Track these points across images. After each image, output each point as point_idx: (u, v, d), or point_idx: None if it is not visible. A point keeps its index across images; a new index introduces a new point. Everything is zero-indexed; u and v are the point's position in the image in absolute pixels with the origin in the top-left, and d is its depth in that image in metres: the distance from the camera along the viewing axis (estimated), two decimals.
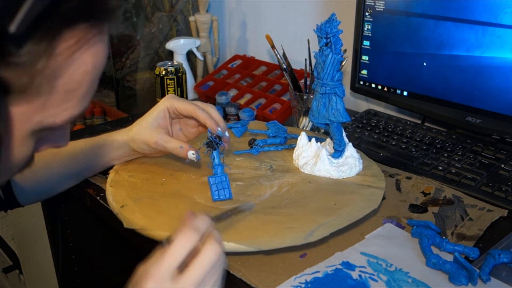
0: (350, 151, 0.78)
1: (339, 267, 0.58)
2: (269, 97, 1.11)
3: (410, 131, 0.95)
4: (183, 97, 1.07)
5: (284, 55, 1.01)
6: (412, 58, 0.94)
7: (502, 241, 0.64)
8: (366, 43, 1.01)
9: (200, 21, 1.35)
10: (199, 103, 0.73)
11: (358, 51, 1.03)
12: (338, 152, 0.78)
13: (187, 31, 1.39)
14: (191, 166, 0.78)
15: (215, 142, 0.69)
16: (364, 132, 0.96)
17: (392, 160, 0.86)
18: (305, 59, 0.99)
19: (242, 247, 0.58)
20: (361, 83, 1.05)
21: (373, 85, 1.03)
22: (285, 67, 0.99)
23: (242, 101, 1.13)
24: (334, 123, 0.76)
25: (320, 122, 0.77)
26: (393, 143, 0.91)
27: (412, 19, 0.92)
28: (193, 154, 0.70)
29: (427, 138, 0.92)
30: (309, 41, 0.97)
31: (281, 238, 0.59)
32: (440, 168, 0.81)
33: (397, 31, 0.95)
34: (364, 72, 1.04)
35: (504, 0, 0.79)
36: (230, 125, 0.91)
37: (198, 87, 1.23)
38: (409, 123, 0.99)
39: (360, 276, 0.57)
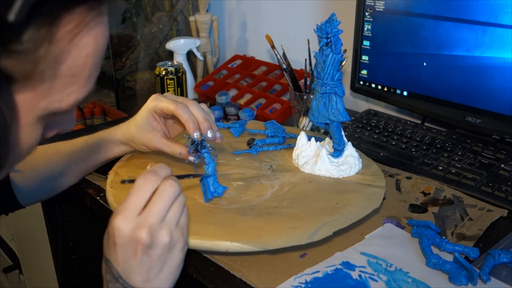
0: (349, 150, 0.78)
1: (339, 267, 0.58)
2: (269, 97, 1.11)
3: (410, 131, 0.95)
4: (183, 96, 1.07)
5: (284, 55, 1.01)
6: (412, 58, 0.94)
7: (502, 241, 0.64)
8: (366, 43, 1.01)
9: (200, 21, 1.35)
10: (181, 99, 0.71)
11: (358, 51, 1.03)
12: (337, 151, 0.78)
13: (187, 31, 1.39)
14: (191, 165, 0.78)
15: (199, 145, 0.69)
16: (364, 132, 0.96)
17: (392, 160, 0.86)
18: (305, 59, 0.99)
19: (247, 247, 0.58)
20: (361, 83, 1.05)
21: (373, 85, 1.03)
22: (285, 67, 0.99)
23: (242, 101, 1.13)
24: (334, 122, 0.76)
25: (320, 121, 0.77)
26: (393, 143, 0.91)
27: (412, 19, 0.92)
28: (193, 159, 0.71)
29: (427, 138, 0.92)
30: (309, 41, 0.97)
31: (286, 237, 0.59)
32: (440, 168, 0.81)
33: (397, 31, 0.95)
34: (364, 72, 1.04)
35: (504, 0, 0.79)
36: (228, 125, 0.91)
37: (198, 87, 1.23)
38: (409, 123, 0.99)
39: (360, 276, 0.57)
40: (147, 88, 1.35)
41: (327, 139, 0.82)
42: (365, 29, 1.00)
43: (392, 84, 1.00)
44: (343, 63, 0.81)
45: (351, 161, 0.77)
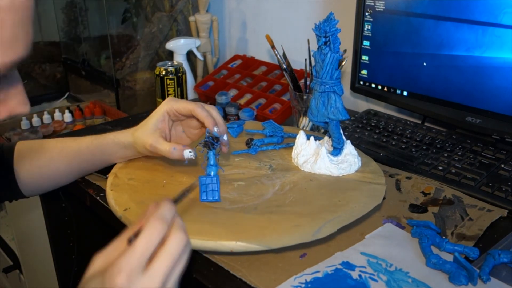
0: (348, 148, 0.78)
1: (339, 267, 0.58)
2: (269, 97, 1.11)
3: (410, 131, 0.95)
4: (183, 97, 1.07)
5: (284, 55, 1.01)
6: (412, 58, 0.94)
7: (502, 241, 0.64)
8: (366, 43, 1.01)
9: (200, 21, 1.35)
10: (200, 103, 0.72)
11: (358, 51, 1.03)
12: (337, 149, 0.78)
13: (187, 31, 1.39)
14: (191, 167, 0.78)
15: (210, 142, 0.69)
16: (364, 132, 0.96)
17: (392, 160, 0.86)
18: (305, 59, 0.99)
19: (251, 247, 0.58)
20: (361, 83, 1.05)
21: (373, 85, 1.03)
22: (285, 67, 0.99)
23: (242, 101, 1.13)
24: (333, 121, 0.76)
25: (319, 120, 0.77)
26: (393, 143, 0.91)
27: (412, 19, 0.92)
28: (190, 152, 0.69)
29: (427, 138, 0.92)
30: (309, 41, 0.97)
31: (290, 236, 0.59)
32: (440, 168, 0.81)
33: (397, 31, 0.95)
34: (364, 72, 1.04)
35: (504, 0, 0.79)
36: (226, 125, 0.91)
37: (198, 87, 1.23)
38: (409, 123, 0.99)
39: (360, 276, 0.56)
40: (147, 88, 1.35)
41: (326, 138, 0.82)
42: (365, 29, 1.00)
43: (392, 84, 1.00)
44: (343, 63, 0.81)
45: (350, 159, 0.78)
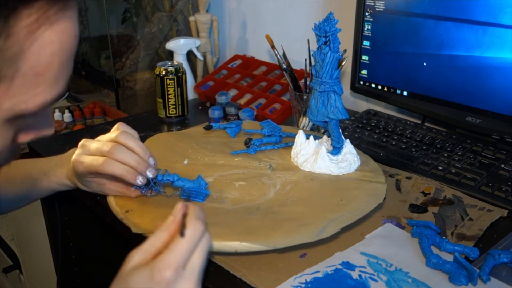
0: (348, 147, 0.79)
1: (339, 267, 0.58)
2: (269, 97, 1.11)
3: (410, 131, 0.95)
4: (183, 97, 1.06)
5: (284, 55, 1.01)
6: (412, 58, 0.94)
7: (502, 241, 0.64)
8: (366, 43, 1.01)
9: (200, 21, 1.35)
10: (106, 147, 0.62)
11: (358, 51, 1.03)
12: (336, 149, 0.78)
13: (187, 31, 1.39)
14: (191, 169, 0.78)
15: (148, 182, 0.65)
16: (364, 132, 0.96)
17: (392, 160, 0.86)
18: (305, 59, 0.99)
19: (256, 247, 0.58)
20: (361, 83, 1.05)
21: (373, 85, 1.03)
22: (285, 67, 0.99)
23: (242, 101, 1.13)
24: (332, 120, 0.76)
25: (319, 120, 0.77)
26: (393, 143, 0.91)
27: (412, 19, 0.92)
28: (152, 194, 0.68)
29: (427, 138, 0.92)
30: (309, 41, 0.97)
31: (294, 236, 0.59)
32: (440, 168, 0.81)
33: (397, 31, 0.95)
34: (364, 72, 1.04)
35: (504, 0, 0.79)
36: (224, 125, 0.91)
37: (198, 87, 1.23)
38: (409, 123, 0.99)
39: (360, 276, 0.56)
40: (147, 88, 1.35)
41: (325, 137, 0.82)
42: (365, 29, 1.00)
43: (392, 84, 1.00)
44: (343, 63, 0.81)
45: (350, 158, 0.78)
